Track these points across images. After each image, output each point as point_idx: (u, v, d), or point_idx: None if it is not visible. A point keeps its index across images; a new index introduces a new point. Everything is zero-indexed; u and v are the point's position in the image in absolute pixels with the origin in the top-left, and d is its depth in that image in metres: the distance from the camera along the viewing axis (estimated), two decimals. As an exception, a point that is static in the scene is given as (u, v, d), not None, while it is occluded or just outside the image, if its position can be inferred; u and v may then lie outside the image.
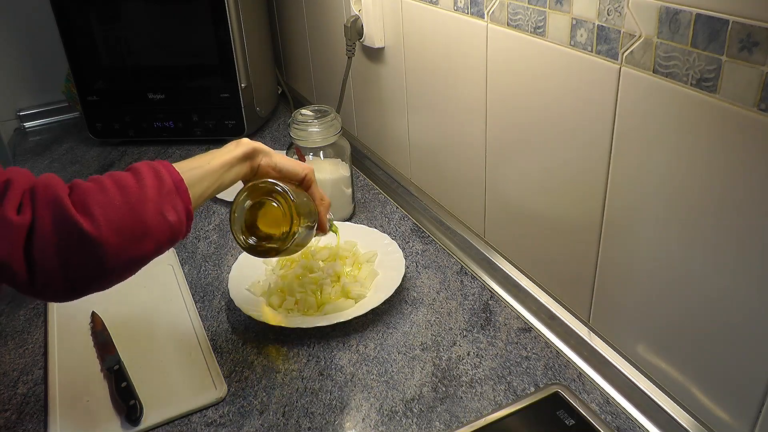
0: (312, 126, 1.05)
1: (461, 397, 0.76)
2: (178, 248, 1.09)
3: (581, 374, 0.79)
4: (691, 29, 0.56)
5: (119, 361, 0.83)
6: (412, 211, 1.17)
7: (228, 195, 1.29)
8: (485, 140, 0.92)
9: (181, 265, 1.05)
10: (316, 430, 0.74)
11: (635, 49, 0.63)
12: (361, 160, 1.36)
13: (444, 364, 0.82)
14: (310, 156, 1.09)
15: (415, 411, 0.75)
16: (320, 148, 1.08)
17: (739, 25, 0.52)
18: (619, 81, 0.66)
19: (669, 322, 0.69)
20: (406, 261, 0.99)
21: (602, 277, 0.77)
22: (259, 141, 1.62)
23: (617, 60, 0.65)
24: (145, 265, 0.65)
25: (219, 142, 1.50)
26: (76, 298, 0.63)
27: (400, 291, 0.94)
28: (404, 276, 0.95)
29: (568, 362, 0.81)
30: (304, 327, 0.87)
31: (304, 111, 1.09)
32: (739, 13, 0.52)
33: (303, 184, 0.82)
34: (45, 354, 0.87)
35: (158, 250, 0.65)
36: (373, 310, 0.89)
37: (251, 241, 0.77)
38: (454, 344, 0.84)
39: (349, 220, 1.14)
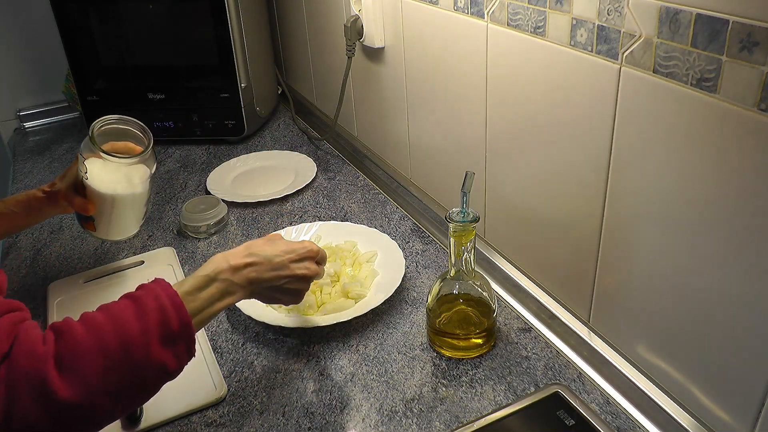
0: None
1: (461, 397, 0.76)
2: (178, 248, 1.09)
3: (581, 374, 0.79)
4: (691, 29, 0.56)
5: (119, 361, 0.83)
6: (412, 211, 1.17)
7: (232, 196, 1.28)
8: (485, 140, 0.92)
9: (181, 265, 1.05)
10: (316, 430, 0.74)
11: (635, 49, 0.63)
12: (361, 160, 1.36)
13: (444, 364, 0.82)
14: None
15: (415, 411, 0.75)
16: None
17: (740, 25, 0.52)
18: (619, 81, 0.66)
19: (669, 322, 0.69)
20: (406, 261, 0.99)
21: (602, 277, 0.77)
22: (259, 141, 1.62)
23: (617, 60, 0.65)
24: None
25: (219, 142, 1.51)
26: None
27: (400, 291, 0.94)
28: (404, 276, 0.95)
29: (568, 362, 0.81)
30: (304, 327, 0.87)
31: None
32: (740, 13, 0.52)
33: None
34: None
35: (147, 398, 0.61)
36: (373, 310, 0.89)
37: None
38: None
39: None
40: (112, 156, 0.86)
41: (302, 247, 0.77)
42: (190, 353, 0.62)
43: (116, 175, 0.88)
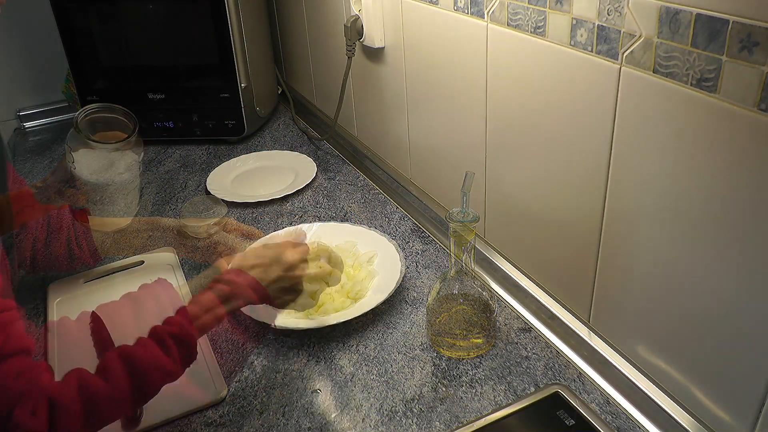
0: None
1: (461, 397, 0.76)
2: (179, 248, 1.09)
3: (581, 374, 0.79)
4: (691, 29, 0.56)
5: (119, 361, 0.83)
6: (412, 211, 1.17)
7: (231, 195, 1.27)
8: (485, 140, 0.92)
9: (181, 265, 1.05)
10: (316, 430, 0.74)
11: (635, 49, 0.63)
12: (361, 160, 1.36)
13: (444, 364, 0.82)
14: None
15: (415, 411, 0.75)
16: None
17: (740, 25, 0.52)
18: (619, 81, 0.66)
19: (669, 322, 0.69)
20: (406, 261, 0.99)
21: (602, 277, 0.77)
22: (259, 141, 1.61)
23: (617, 60, 0.65)
24: None
25: (219, 142, 1.51)
26: None
27: (400, 291, 0.94)
28: (404, 276, 0.95)
29: (568, 362, 0.81)
30: (304, 327, 0.87)
31: None
32: (739, 13, 0.52)
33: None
34: (45, 354, 0.87)
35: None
36: (373, 310, 0.89)
37: None
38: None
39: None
40: (98, 143, 0.86)
41: (307, 247, 0.80)
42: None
43: (103, 162, 0.89)
